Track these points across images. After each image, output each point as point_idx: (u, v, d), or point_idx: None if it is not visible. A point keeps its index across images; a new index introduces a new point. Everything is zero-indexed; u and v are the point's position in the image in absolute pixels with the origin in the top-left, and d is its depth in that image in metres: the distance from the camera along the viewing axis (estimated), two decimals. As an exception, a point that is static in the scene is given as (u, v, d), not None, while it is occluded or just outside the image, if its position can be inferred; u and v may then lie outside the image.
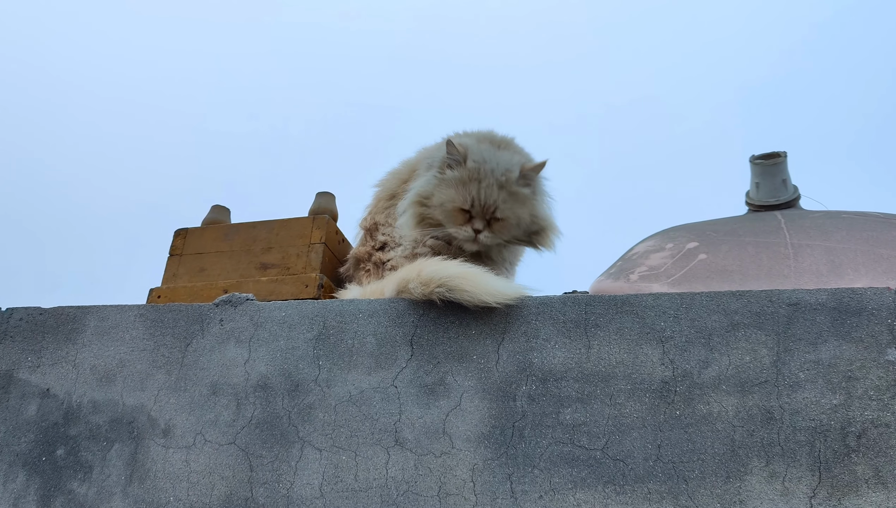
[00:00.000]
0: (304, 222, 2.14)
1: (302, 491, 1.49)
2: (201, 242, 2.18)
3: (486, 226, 1.92)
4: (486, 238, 1.92)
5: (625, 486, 1.41)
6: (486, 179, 1.91)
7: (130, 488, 1.55)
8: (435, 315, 1.63)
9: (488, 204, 1.90)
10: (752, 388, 1.46)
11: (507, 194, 1.92)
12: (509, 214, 1.92)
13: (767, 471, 1.39)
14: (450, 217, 1.94)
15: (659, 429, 1.45)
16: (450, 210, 1.93)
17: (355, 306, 1.67)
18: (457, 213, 1.93)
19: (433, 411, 1.53)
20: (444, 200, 1.94)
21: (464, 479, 1.45)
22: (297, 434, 1.55)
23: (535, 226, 1.99)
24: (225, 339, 1.68)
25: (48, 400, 1.69)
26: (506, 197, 1.92)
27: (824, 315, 1.51)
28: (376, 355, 1.60)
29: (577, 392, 1.50)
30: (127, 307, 1.77)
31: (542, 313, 1.59)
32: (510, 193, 1.93)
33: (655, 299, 1.57)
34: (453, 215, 1.94)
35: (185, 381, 1.65)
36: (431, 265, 1.67)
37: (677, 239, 2.27)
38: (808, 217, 2.30)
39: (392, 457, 1.49)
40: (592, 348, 1.54)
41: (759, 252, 2.08)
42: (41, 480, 1.60)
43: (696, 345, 1.51)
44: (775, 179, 2.56)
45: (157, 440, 1.60)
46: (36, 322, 1.78)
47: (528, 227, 1.98)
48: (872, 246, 2.02)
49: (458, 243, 1.94)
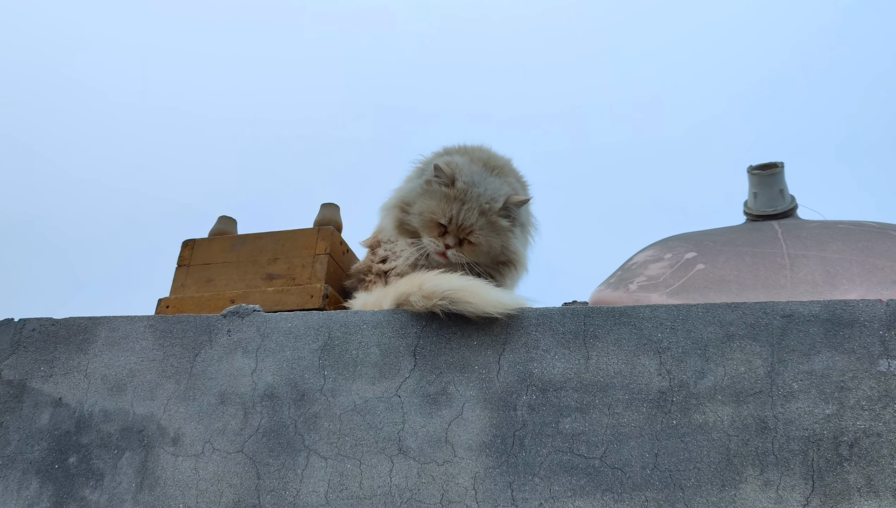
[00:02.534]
0: (310, 233, 2.18)
1: (308, 499, 1.53)
2: (209, 252, 2.22)
3: (458, 245, 1.93)
4: (454, 256, 1.92)
5: (623, 494, 1.44)
6: (470, 202, 1.92)
7: (141, 495, 1.59)
8: (437, 326, 1.67)
9: (465, 226, 1.91)
10: (746, 398, 1.50)
11: (487, 221, 1.93)
12: (482, 240, 1.93)
13: (762, 480, 1.42)
14: (426, 226, 1.96)
15: (656, 438, 1.49)
16: (427, 220, 1.95)
17: (360, 317, 1.71)
18: (433, 224, 1.95)
19: (436, 420, 1.57)
20: (423, 209, 1.96)
21: (466, 487, 1.49)
22: (303, 443, 1.59)
23: (503, 257, 1.99)
24: (232, 349, 1.72)
25: (60, 409, 1.73)
26: (484, 224, 1.93)
27: (817, 327, 1.55)
28: (380, 365, 1.64)
29: (576, 402, 1.54)
30: (137, 318, 1.82)
31: (541, 325, 1.63)
32: (489, 221, 1.93)
33: (653, 310, 1.61)
34: (429, 225, 1.95)
35: (193, 390, 1.69)
36: (432, 279, 1.70)
37: (676, 249, 2.31)
38: (804, 227, 2.33)
39: (396, 465, 1.53)
40: (591, 358, 1.58)
41: (757, 262, 2.12)
42: (54, 487, 1.64)
43: (692, 356, 1.55)
44: (773, 189, 2.60)
45: (166, 449, 1.64)
46: (48, 333, 1.83)
47: (496, 257, 1.98)
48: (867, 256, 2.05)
49: (426, 252, 1.95)
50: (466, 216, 1.91)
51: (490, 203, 1.93)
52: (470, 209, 1.91)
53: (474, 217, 1.91)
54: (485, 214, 1.93)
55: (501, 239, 1.96)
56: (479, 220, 1.92)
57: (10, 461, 1.68)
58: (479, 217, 1.92)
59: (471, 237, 1.92)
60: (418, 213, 1.97)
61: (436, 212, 1.94)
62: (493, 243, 1.95)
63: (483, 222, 1.93)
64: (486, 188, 1.95)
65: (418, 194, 1.99)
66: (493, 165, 2.08)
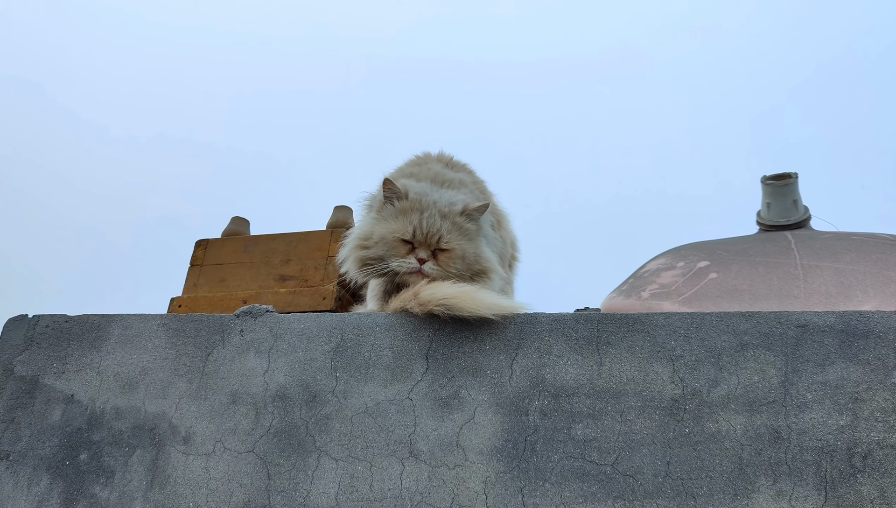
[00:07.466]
0: (323, 235, 2.19)
1: (318, 500, 1.53)
2: (221, 253, 2.23)
3: (432, 257, 1.84)
4: (431, 269, 1.82)
5: (634, 501, 1.44)
6: (429, 209, 1.85)
7: (151, 493, 1.60)
8: (450, 330, 1.67)
9: (432, 232, 1.83)
10: (760, 407, 1.49)
11: (451, 224, 1.85)
12: (455, 245, 1.85)
13: (774, 490, 1.42)
14: (392, 249, 1.85)
15: (668, 446, 1.48)
16: (391, 242, 1.85)
17: (372, 319, 1.72)
18: (398, 244, 1.85)
19: (447, 424, 1.56)
20: (384, 232, 1.86)
21: (476, 491, 1.49)
22: (315, 444, 1.59)
23: (477, 266, 1.89)
24: (245, 349, 1.72)
25: (72, 406, 1.73)
26: (450, 227, 1.85)
27: (832, 337, 1.54)
28: (392, 368, 1.64)
29: (588, 408, 1.54)
30: (150, 317, 1.82)
31: (555, 330, 1.63)
32: (454, 223, 1.86)
33: (666, 318, 1.61)
34: (395, 247, 1.85)
35: (205, 390, 1.69)
36: (427, 289, 1.69)
37: (689, 257, 2.30)
38: (818, 238, 2.33)
39: (407, 468, 1.53)
40: (604, 365, 1.58)
41: (770, 272, 2.11)
42: (64, 484, 1.65)
43: (705, 364, 1.55)
44: (786, 199, 2.60)
45: (177, 447, 1.64)
46: (62, 330, 1.83)
47: (471, 264, 1.88)
48: (881, 268, 2.04)
49: (403, 276, 1.84)
50: (430, 223, 1.83)
51: (449, 207, 1.87)
52: (431, 216, 1.84)
53: (437, 222, 1.84)
54: (447, 217, 1.85)
55: (474, 244, 1.88)
56: (443, 223, 1.84)
57: (22, 456, 1.69)
58: (442, 221, 1.84)
59: (441, 244, 1.84)
60: (379, 239, 1.86)
61: (397, 230, 1.85)
62: (466, 247, 1.86)
63: (448, 225, 1.85)
64: (441, 197, 1.89)
65: (374, 223, 1.90)
66: (442, 180, 2.02)
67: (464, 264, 1.86)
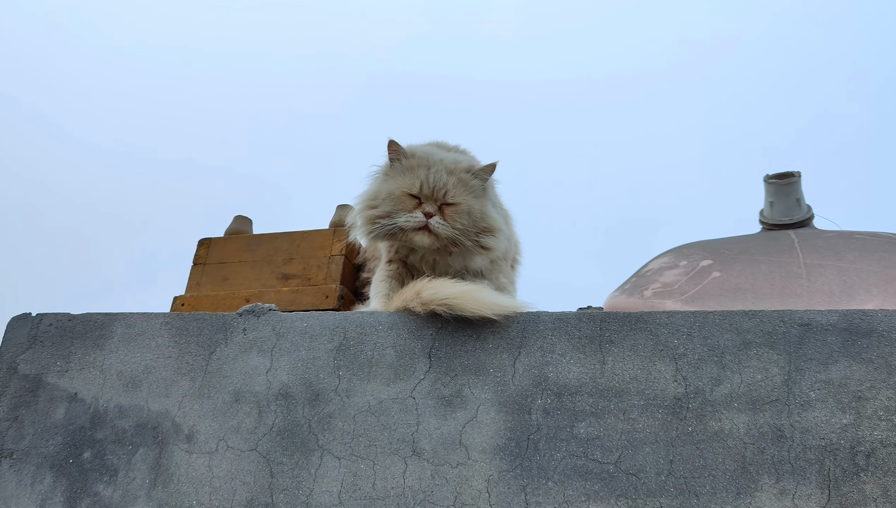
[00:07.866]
0: (325, 234, 2.19)
1: (321, 499, 1.53)
2: (224, 251, 2.23)
3: (439, 212, 1.88)
4: (438, 224, 1.86)
5: (637, 500, 1.44)
6: (435, 165, 1.90)
7: (154, 491, 1.60)
8: (453, 329, 1.67)
9: (438, 186, 1.87)
10: (763, 406, 1.49)
11: (458, 179, 1.90)
12: (461, 199, 1.88)
13: (777, 488, 1.41)
14: (398, 205, 1.89)
15: (671, 445, 1.48)
16: (398, 197, 1.89)
17: (375, 318, 1.72)
18: (405, 198, 1.89)
19: (450, 422, 1.57)
20: (392, 188, 1.90)
21: (479, 490, 1.49)
22: (317, 443, 1.59)
23: (483, 223, 1.92)
24: (248, 348, 1.72)
25: (76, 404, 1.73)
26: (456, 182, 1.89)
27: (835, 336, 1.54)
28: (395, 366, 1.64)
29: (591, 407, 1.54)
30: (153, 315, 1.82)
31: (557, 329, 1.63)
32: (460, 179, 1.90)
33: (669, 316, 1.61)
34: (402, 202, 1.89)
35: (208, 388, 1.69)
36: (429, 288, 1.69)
37: (691, 256, 2.30)
38: (821, 237, 2.32)
39: (409, 467, 1.53)
40: (607, 363, 1.58)
41: (773, 271, 2.11)
42: (68, 482, 1.65)
43: (708, 363, 1.54)
44: (789, 198, 2.59)
45: (180, 446, 1.64)
46: (65, 328, 1.84)
47: (477, 220, 1.91)
48: (885, 267, 2.04)
49: (409, 234, 1.88)
50: (436, 178, 1.88)
51: (455, 164, 1.91)
52: (438, 171, 1.89)
53: (444, 176, 1.88)
54: (453, 172, 1.90)
55: (480, 201, 1.92)
56: (449, 178, 1.89)
57: (25, 455, 1.69)
58: (448, 176, 1.89)
59: (448, 198, 1.88)
60: (387, 195, 1.91)
61: (404, 185, 1.89)
62: (472, 203, 1.90)
63: (454, 180, 1.89)
64: (447, 155, 1.95)
65: (381, 183, 1.95)
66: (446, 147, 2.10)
67: (469, 221, 1.90)
